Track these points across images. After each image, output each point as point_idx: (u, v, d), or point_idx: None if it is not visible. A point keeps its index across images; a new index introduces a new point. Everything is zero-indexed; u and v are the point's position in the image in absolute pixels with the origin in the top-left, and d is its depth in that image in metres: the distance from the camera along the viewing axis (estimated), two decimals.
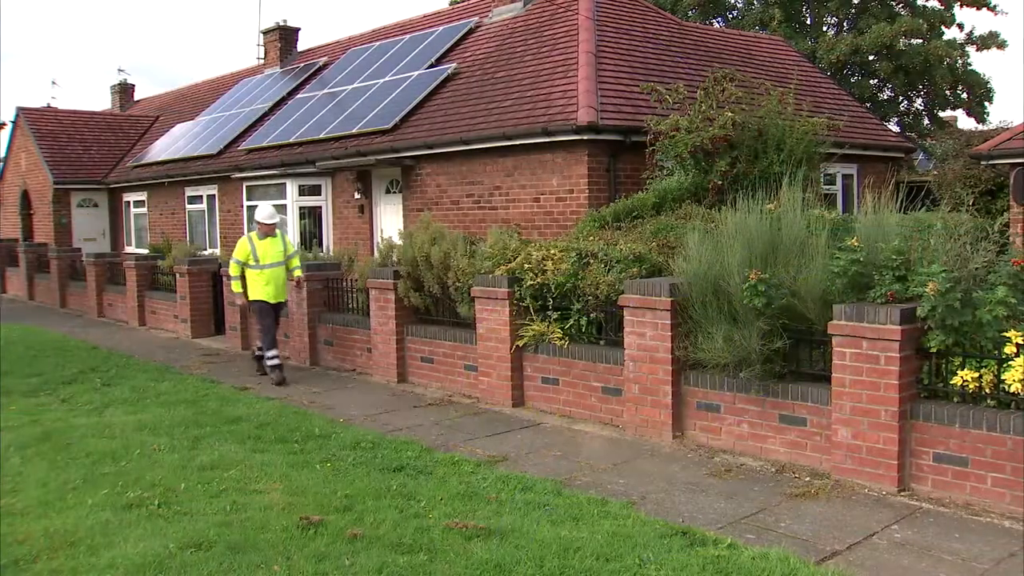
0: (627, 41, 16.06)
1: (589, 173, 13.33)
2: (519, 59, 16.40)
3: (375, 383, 11.72)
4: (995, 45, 31.01)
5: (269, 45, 27.22)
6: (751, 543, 5.88)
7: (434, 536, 5.87)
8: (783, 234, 7.89)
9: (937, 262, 6.83)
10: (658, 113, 12.95)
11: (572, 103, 13.67)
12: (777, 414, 7.70)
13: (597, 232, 10.72)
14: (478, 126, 15.08)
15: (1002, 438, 6.44)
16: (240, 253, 12.14)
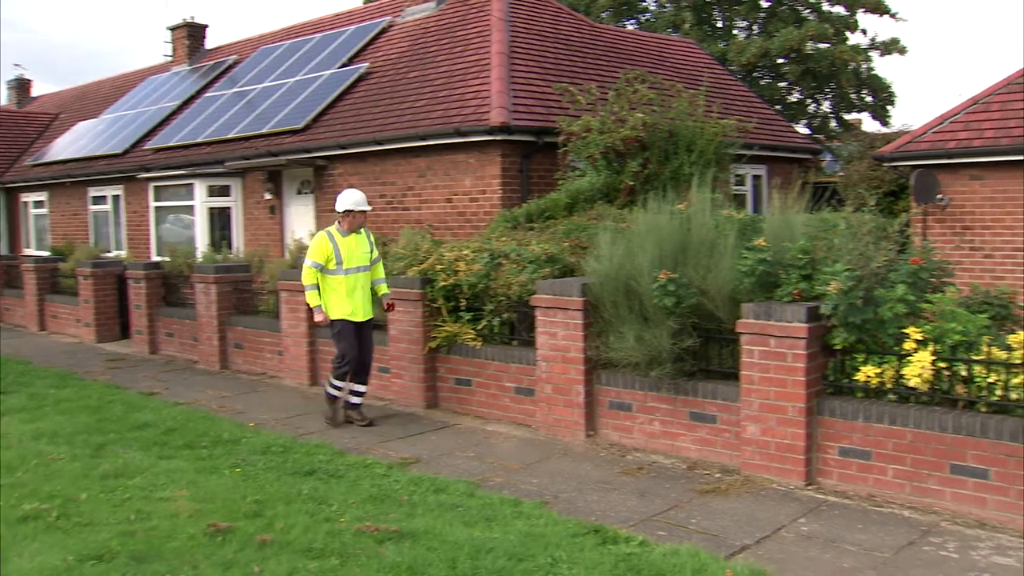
0: (540, 42, 16.12)
1: (502, 174, 13.34)
2: (432, 59, 16.33)
3: (287, 386, 11.54)
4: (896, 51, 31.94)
5: (177, 42, 26.62)
6: (663, 540, 5.94)
7: (346, 540, 5.79)
8: (693, 234, 7.99)
9: (841, 261, 6.97)
10: (571, 114, 13.02)
11: (485, 104, 13.66)
12: (688, 412, 7.80)
13: (510, 232, 10.73)
14: (391, 126, 14.98)
15: (902, 431, 6.62)
16: (318, 253, 9.16)
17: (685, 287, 7.47)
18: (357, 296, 9.19)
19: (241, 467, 7.56)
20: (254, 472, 7.42)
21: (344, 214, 9.22)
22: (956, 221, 13.58)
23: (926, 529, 6.16)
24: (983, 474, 6.31)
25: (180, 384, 11.83)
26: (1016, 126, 13.18)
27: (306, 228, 15.85)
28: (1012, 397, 6.32)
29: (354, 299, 9.17)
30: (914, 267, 6.89)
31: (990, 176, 13.32)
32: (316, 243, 9.25)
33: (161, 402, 10.49)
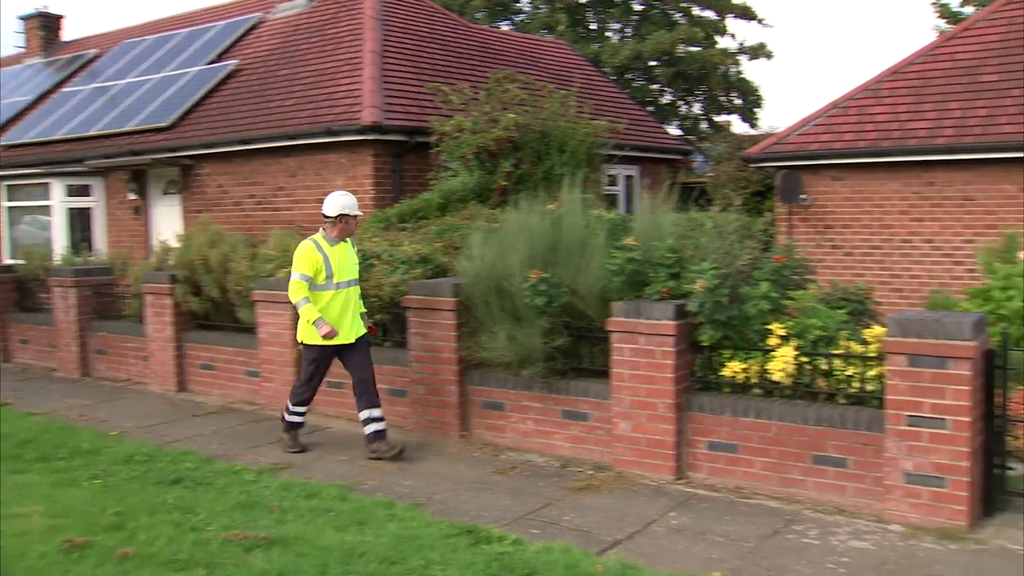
0: (413, 41, 16.04)
1: (374, 173, 13.22)
2: (303, 57, 16.07)
3: (152, 393, 11.16)
4: (764, 55, 32.98)
5: (30, 33, 25.39)
6: (536, 538, 5.95)
7: (212, 549, 5.62)
8: (564, 234, 8.03)
9: (707, 260, 7.12)
10: (443, 114, 12.98)
11: (357, 103, 13.51)
12: (560, 410, 7.85)
13: (382, 233, 10.63)
14: (261, 125, 14.67)
15: (768, 424, 6.81)
16: (307, 265, 7.83)
17: (556, 286, 7.51)
18: (349, 314, 7.99)
19: (101, 478, 7.26)
20: (115, 483, 7.13)
21: (335, 219, 7.95)
22: (819, 220, 14.09)
23: (790, 518, 6.35)
24: (842, 463, 6.54)
25: (36, 393, 11.29)
26: (872, 130, 13.76)
27: (174, 229, 15.37)
28: (868, 389, 6.57)
29: (345, 319, 7.96)
30: (777, 265, 7.10)
31: (849, 177, 13.88)
32: (303, 254, 7.88)
33: (13, 413, 9.98)
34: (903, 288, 13.45)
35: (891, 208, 13.61)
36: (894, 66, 14.78)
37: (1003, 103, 13.10)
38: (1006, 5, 14.86)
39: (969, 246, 12.85)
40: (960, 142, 12.89)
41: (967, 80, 13.75)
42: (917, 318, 6.15)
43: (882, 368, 6.39)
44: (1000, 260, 10.31)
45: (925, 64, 14.43)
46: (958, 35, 14.86)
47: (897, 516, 6.21)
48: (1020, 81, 13.28)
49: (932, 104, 13.67)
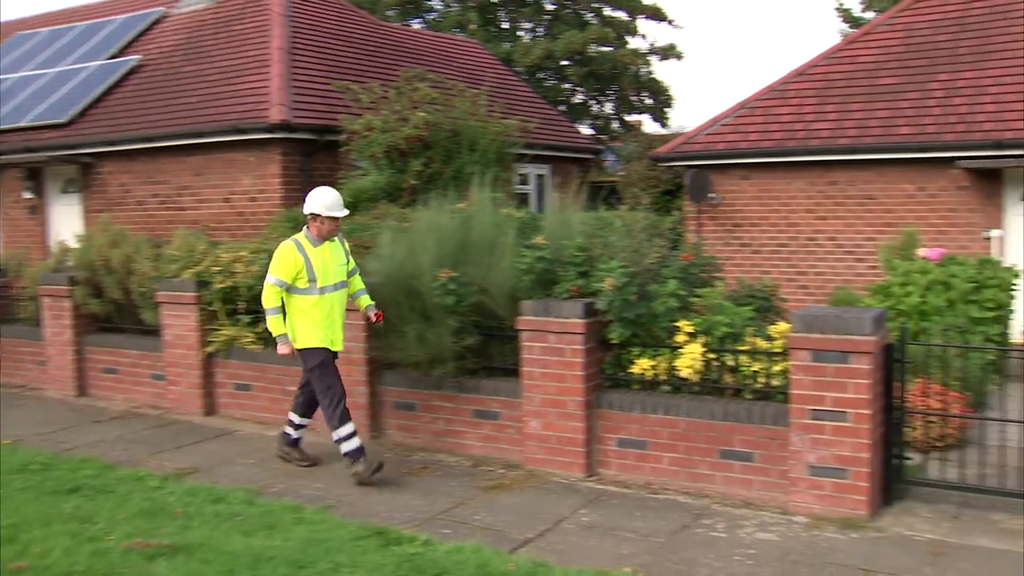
0: (322, 39, 15.83)
1: (283, 172, 13.01)
2: (208, 53, 15.73)
3: (51, 398, 10.79)
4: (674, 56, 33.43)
5: None
6: (447, 538, 5.93)
7: (113, 559, 5.44)
8: (474, 233, 8.01)
9: (616, 258, 7.17)
10: (353, 112, 12.84)
11: (264, 101, 13.28)
12: (471, 409, 7.84)
13: (290, 232, 10.44)
14: (165, 122, 14.32)
15: (676, 420, 6.89)
16: (284, 269, 7.11)
17: (466, 285, 7.49)
18: (336, 320, 7.31)
19: None
20: (8, 494, 6.85)
21: (311, 217, 7.25)
22: (727, 219, 14.33)
23: (699, 512, 6.44)
24: (749, 457, 6.66)
25: None
26: (778, 130, 14.04)
27: (74, 229, 14.90)
28: (774, 384, 6.70)
29: (332, 325, 7.27)
30: (685, 263, 7.18)
31: (756, 176, 14.13)
32: (281, 255, 7.14)
33: None
34: (809, 285, 13.76)
35: (797, 207, 13.90)
36: (799, 68, 15.10)
37: (900, 106, 13.49)
38: (903, 11, 15.32)
39: (871, 244, 13.20)
40: (861, 143, 13.23)
41: (867, 83, 14.13)
42: (820, 314, 6.28)
43: (787, 363, 6.51)
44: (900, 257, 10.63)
45: (828, 66, 14.78)
46: (859, 39, 15.26)
47: (802, 508, 6.34)
48: (916, 85, 13.70)
49: (835, 105, 14.00)
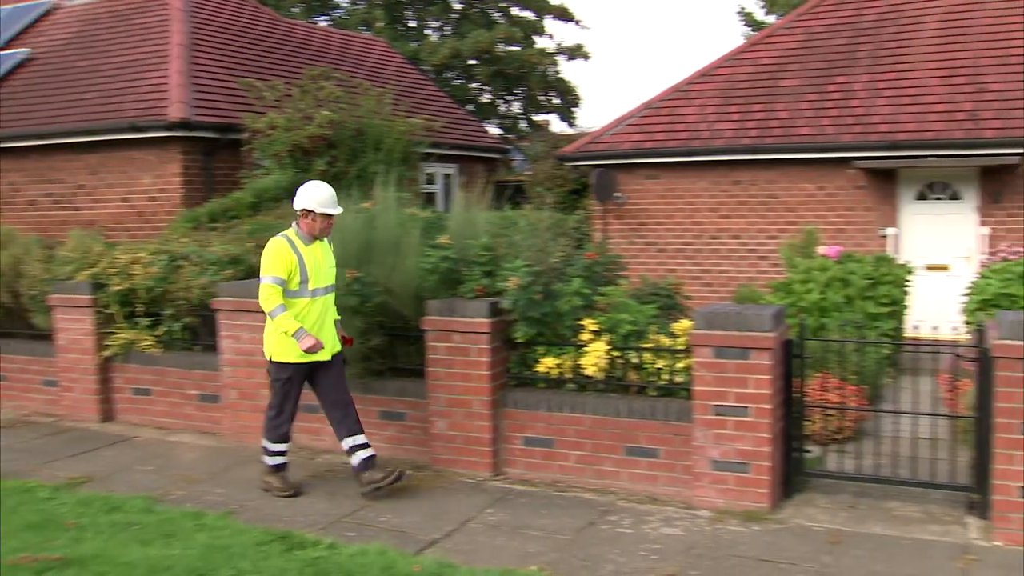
0: (224, 35, 15.52)
1: (183, 172, 12.72)
2: (105, 48, 15.28)
3: None
4: (581, 55, 33.72)
5: None
6: (352, 541, 5.85)
7: None
8: (378, 233, 7.92)
9: (521, 257, 7.17)
10: (256, 111, 12.63)
11: (164, 98, 12.96)
12: (377, 411, 7.75)
13: (191, 233, 10.24)
14: (59, 119, 13.88)
15: (582, 418, 6.92)
16: (279, 266, 6.59)
17: (370, 286, 7.40)
18: (327, 326, 6.80)
19: None
20: None
21: (302, 214, 6.70)
22: (633, 218, 14.48)
23: (605, 509, 6.48)
24: (654, 453, 6.72)
25: None
26: (682, 130, 14.25)
27: None
28: (677, 380, 6.78)
29: (322, 331, 6.74)
30: (589, 262, 7.22)
31: (662, 175, 14.32)
32: (275, 252, 6.60)
33: None
34: (713, 283, 14.00)
35: (701, 206, 14.13)
36: (702, 69, 15.36)
37: (799, 107, 13.83)
38: (802, 16, 15.71)
39: (773, 242, 13.50)
40: (762, 143, 13.52)
41: (769, 84, 14.44)
42: (721, 311, 6.38)
43: (690, 360, 6.59)
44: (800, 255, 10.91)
45: (731, 68, 15.07)
46: (760, 42, 15.59)
47: (705, 502, 6.43)
48: (815, 87, 14.05)
49: (737, 106, 14.28)
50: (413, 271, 7.52)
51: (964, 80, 13.30)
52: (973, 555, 5.56)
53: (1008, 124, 12.40)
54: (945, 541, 5.78)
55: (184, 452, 8.13)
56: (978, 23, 14.14)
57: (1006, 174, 12.50)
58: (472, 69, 31.75)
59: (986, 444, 5.92)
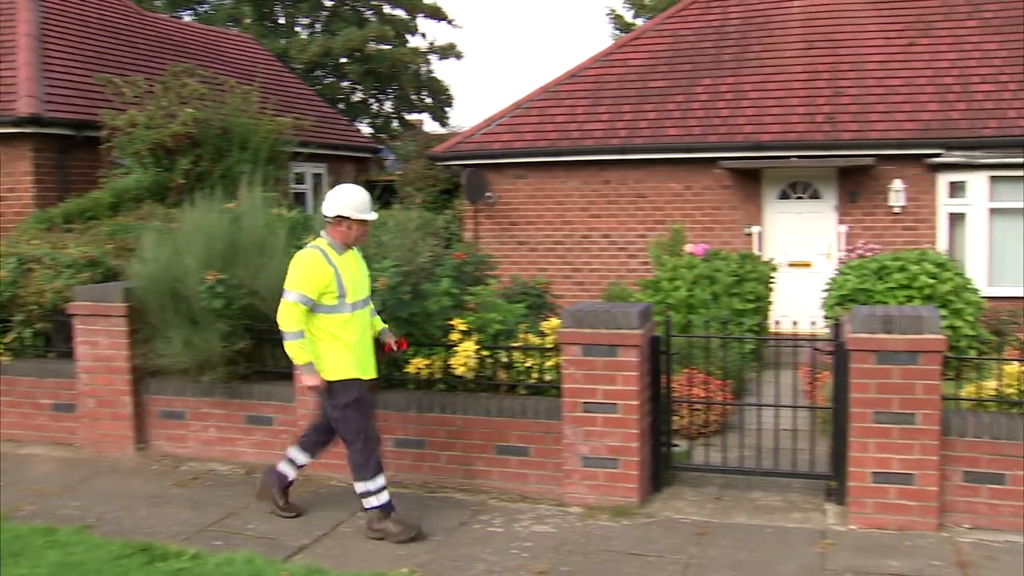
0: (79, 27, 14.88)
1: (35, 170, 12.15)
2: None
3: None
4: (454, 55, 33.71)
5: None
6: (218, 550, 5.70)
7: None
8: (244, 233, 7.72)
9: (389, 257, 7.09)
10: (116, 108, 12.14)
11: (11, 92, 12.34)
12: (244, 415, 7.57)
13: (44, 235, 9.78)
14: None
15: (452, 418, 6.90)
16: (310, 283, 5.81)
17: (235, 288, 7.20)
18: (368, 342, 6.13)
19: None
20: None
21: (335, 221, 5.95)
22: (504, 217, 14.52)
23: (476, 508, 6.48)
24: (525, 452, 6.75)
25: None
26: (552, 130, 14.36)
27: None
28: (547, 379, 6.82)
29: (365, 347, 6.07)
30: (458, 262, 7.19)
31: (532, 175, 14.40)
32: (307, 266, 5.84)
33: None
34: (584, 281, 14.16)
35: (572, 205, 14.27)
36: (572, 69, 15.52)
37: (667, 108, 14.11)
38: (670, 18, 16.05)
39: (642, 240, 13.73)
40: (631, 143, 13.74)
41: (637, 85, 14.69)
42: (589, 310, 6.44)
43: (559, 358, 6.64)
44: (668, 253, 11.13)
45: (600, 69, 15.26)
46: (629, 43, 15.85)
47: (576, 499, 6.49)
48: (682, 88, 14.36)
49: (606, 107, 14.47)
50: (279, 272, 7.32)
51: (824, 84, 13.81)
52: (830, 539, 5.77)
53: (864, 127, 12.93)
54: (805, 528, 5.99)
55: (37, 465, 7.75)
56: (838, 30, 14.70)
57: (862, 174, 13.03)
58: (343, 67, 31.37)
59: (843, 433, 6.15)
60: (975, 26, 14.16)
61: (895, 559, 5.47)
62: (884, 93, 13.40)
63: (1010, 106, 12.70)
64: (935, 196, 12.84)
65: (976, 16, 14.33)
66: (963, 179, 12.63)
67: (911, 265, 9.02)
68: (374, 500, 5.99)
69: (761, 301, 10.22)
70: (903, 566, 5.37)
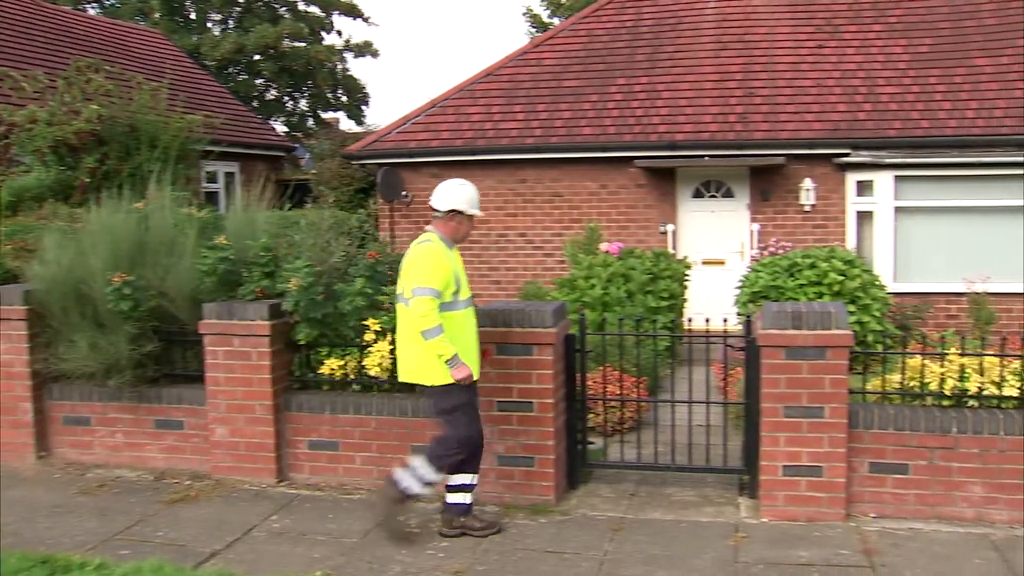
0: None
1: None
2: None
3: None
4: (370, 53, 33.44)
5: None
6: (125, 559, 5.54)
7: None
8: (152, 234, 7.55)
9: (302, 258, 6.99)
10: (14, 103, 11.76)
11: None
12: (153, 420, 7.38)
13: None
14: None
15: (367, 419, 6.84)
16: (440, 276, 5.63)
17: (143, 289, 7.03)
18: (476, 341, 5.94)
19: None
20: None
21: (447, 216, 5.90)
22: (420, 216, 14.42)
23: None
24: None
25: None
26: (468, 129, 14.33)
27: None
28: None
29: (474, 347, 5.89)
30: (372, 261, 7.11)
31: (447, 174, 14.12)
32: (434, 259, 5.66)
33: None
34: (501, 280, 14.16)
35: (488, 204, 14.22)
36: (488, 68, 15.51)
37: (582, 107, 14.19)
38: (585, 18, 16.15)
39: (559, 239, 13.79)
40: (547, 142, 13.78)
41: (552, 85, 14.74)
42: (504, 308, 6.43)
43: None
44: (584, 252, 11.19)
45: (516, 68, 15.28)
46: (544, 42, 15.90)
47: (492, 497, 6.49)
48: (596, 88, 14.46)
49: (522, 106, 14.49)
50: (189, 273, 7.22)
51: (736, 85, 14.04)
52: (743, 532, 5.86)
53: (775, 127, 13.18)
54: (719, 521, 6.07)
55: None
56: (750, 32, 14.98)
57: (774, 174, 13.28)
58: (257, 65, 30.88)
59: (754, 428, 6.24)
60: (881, 30, 14.56)
61: (805, 550, 5.57)
62: (794, 94, 13.69)
63: (913, 107, 13.08)
64: (844, 195, 13.16)
65: (881, 21, 14.74)
66: (870, 178, 12.96)
67: (821, 262, 9.23)
68: (416, 489, 5.77)
69: (675, 299, 10.34)
70: (812, 556, 5.48)
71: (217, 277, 7.10)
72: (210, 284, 7.12)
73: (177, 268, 7.26)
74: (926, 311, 11.21)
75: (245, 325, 6.84)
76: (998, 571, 5.27)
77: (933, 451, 6.00)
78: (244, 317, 6.84)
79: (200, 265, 7.12)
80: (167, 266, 7.29)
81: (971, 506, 5.99)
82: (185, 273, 7.24)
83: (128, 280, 6.95)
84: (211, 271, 7.07)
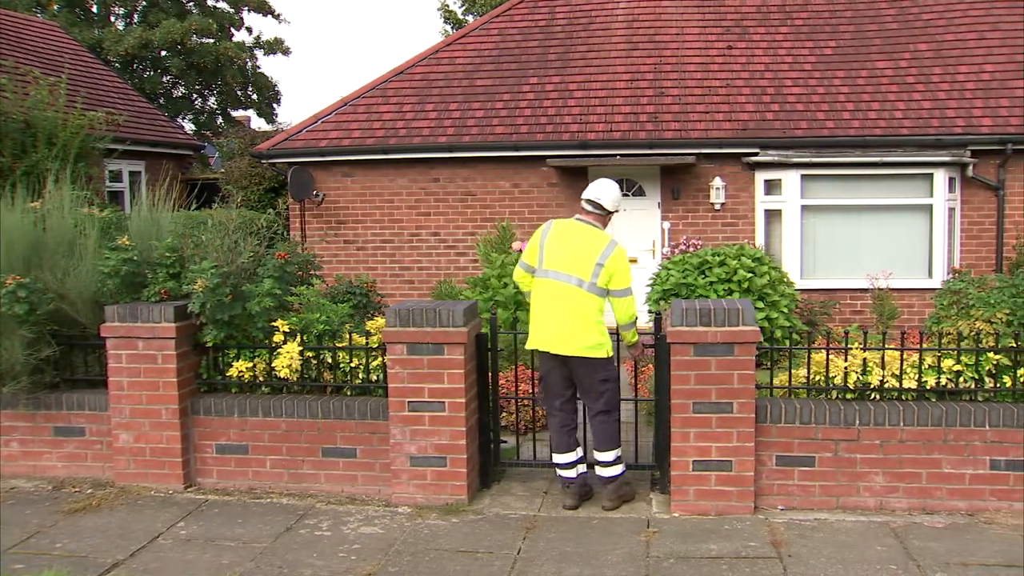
0: None
1: None
2: None
3: None
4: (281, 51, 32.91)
5: None
6: (19, 573, 5.35)
7: None
8: (50, 234, 7.31)
9: (208, 258, 6.84)
10: None
11: None
12: (51, 427, 7.14)
13: None
14: None
15: (277, 422, 6.72)
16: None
17: (40, 292, 6.79)
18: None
19: None
20: None
21: (606, 215, 6.61)
22: (331, 216, 14.28)
23: (303, 513, 6.33)
24: (352, 453, 6.64)
25: None
26: (380, 127, 14.21)
27: None
28: (373, 379, 6.73)
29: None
30: (281, 262, 7.00)
31: (359, 173, 14.21)
32: (627, 260, 6.41)
33: None
34: (414, 280, 14.08)
35: (400, 203, 14.16)
36: (400, 67, 15.40)
37: (495, 106, 14.19)
38: (497, 17, 16.15)
39: (471, 238, 13.77)
40: (459, 141, 13.73)
41: (465, 84, 14.71)
42: (414, 308, 6.37)
43: (385, 358, 6.55)
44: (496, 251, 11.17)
45: (428, 67, 15.20)
46: (457, 41, 15.85)
47: (405, 498, 6.43)
48: (509, 87, 14.47)
49: (434, 105, 14.43)
50: (91, 275, 7.01)
51: (647, 84, 14.18)
52: (654, 528, 5.92)
53: (685, 127, 13.35)
54: (631, 517, 6.12)
55: None
56: (661, 32, 15.15)
57: (684, 173, 13.46)
58: (163, 61, 30.15)
59: (665, 424, 6.31)
60: (787, 32, 14.88)
61: (715, 543, 5.65)
62: (704, 94, 13.89)
63: (819, 108, 13.39)
64: (753, 193, 13.40)
65: (788, 24, 15.06)
66: (778, 177, 13.22)
67: (730, 260, 9.37)
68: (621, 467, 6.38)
69: None
70: (722, 549, 5.56)
71: (120, 279, 6.90)
72: (113, 286, 6.92)
73: (77, 270, 7.04)
74: (832, 307, 11.47)
75: (150, 328, 6.66)
76: (897, 556, 5.43)
77: (838, 443, 6.14)
78: (149, 319, 6.66)
79: (102, 266, 6.91)
80: (66, 268, 7.07)
81: (873, 495, 6.15)
82: (86, 275, 7.03)
83: (23, 282, 6.71)
84: (114, 272, 6.87)
